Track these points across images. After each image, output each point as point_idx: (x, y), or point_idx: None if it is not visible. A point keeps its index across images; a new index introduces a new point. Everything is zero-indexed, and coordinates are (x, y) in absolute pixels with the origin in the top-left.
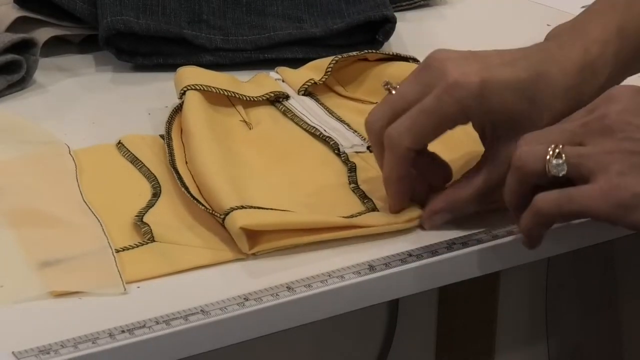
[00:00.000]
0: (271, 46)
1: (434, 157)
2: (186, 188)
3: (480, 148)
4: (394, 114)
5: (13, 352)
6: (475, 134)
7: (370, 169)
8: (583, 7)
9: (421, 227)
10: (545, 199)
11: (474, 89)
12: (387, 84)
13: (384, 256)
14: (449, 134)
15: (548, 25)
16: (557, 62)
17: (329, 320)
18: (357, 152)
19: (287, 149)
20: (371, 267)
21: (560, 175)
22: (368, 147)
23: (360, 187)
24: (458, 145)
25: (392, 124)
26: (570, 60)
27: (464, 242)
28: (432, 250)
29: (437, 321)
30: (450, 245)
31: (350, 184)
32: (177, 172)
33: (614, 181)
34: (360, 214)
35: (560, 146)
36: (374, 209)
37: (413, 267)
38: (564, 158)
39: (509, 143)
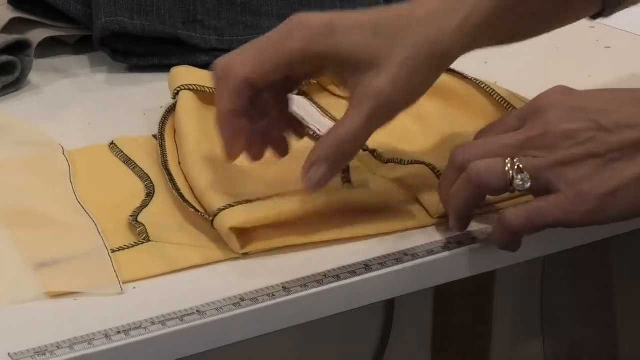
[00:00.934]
0: None
1: (284, 107)
2: (177, 190)
3: (457, 129)
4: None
5: (9, 354)
6: (450, 114)
7: (364, 169)
8: None
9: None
10: (515, 216)
11: (320, 26)
12: None
13: (379, 255)
14: (422, 114)
15: None
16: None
17: (325, 320)
18: None
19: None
20: (367, 267)
21: (525, 189)
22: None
23: (354, 185)
24: (433, 126)
25: (233, 54)
26: (438, 27)
27: (459, 242)
28: (427, 249)
29: (433, 320)
30: (446, 244)
31: (344, 183)
32: (169, 174)
33: (578, 188)
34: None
35: (516, 160)
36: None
37: (409, 266)
38: (525, 172)
39: (369, 79)
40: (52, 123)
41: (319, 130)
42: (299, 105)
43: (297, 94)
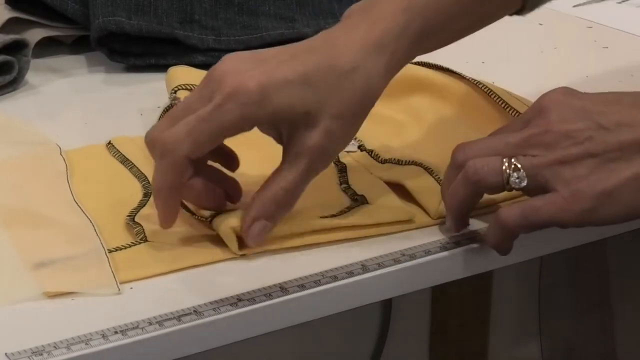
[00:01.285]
0: (263, 46)
1: (216, 172)
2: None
3: (455, 129)
4: (174, 124)
5: (6, 354)
6: (448, 114)
7: (361, 170)
8: (575, 5)
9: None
10: (510, 214)
11: (253, 95)
12: (174, 99)
13: (377, 256)
14: (420, 114)
15: (540, 24)
16: (340, 46)
17: (322, 320)
18: (347, 152)
19: (278, 149)
20: (364, 267)
21: (521, 187)
22: (359, 147)
23: (352, 187)
24: (430, 126)
25: (167, 131)
26: (352, 41)
27: (457, 242)
28: (425, 249)
29: (431, 321)
30: (443, 244)
31: (341, 184)
32: None
33: (574, 187)
34: (349, 208)
35: (513, 159)
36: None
37: (406, 266)
38: (522, 170)
39: (304, 135)
40: (49, 123)
41: None
42: None
43: None
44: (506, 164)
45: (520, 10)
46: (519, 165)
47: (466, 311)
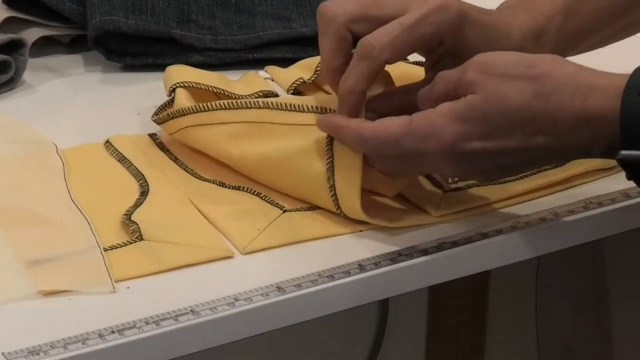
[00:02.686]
0: (260, 46)
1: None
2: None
3: None
4: (367, 16)
5: (2, 353)
6: None
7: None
8: None
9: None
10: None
11: (453, 17)
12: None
13: (373, 255)
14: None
15: None
16: (511, 24)
17: (319, 320)
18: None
19: (290, 141)
20: (361, 267)
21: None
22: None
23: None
24: None
25: (371, 34)
26: (521, 26)
27: (454, 242)
28: (422, 249)
29: (428, 320)
30: (440, 244)
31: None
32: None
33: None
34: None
35: None
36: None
37: (403, 266)
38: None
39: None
40: (46, 122)
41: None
42: None
43: (293, 94)
44: None
45: None
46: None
47: (463, 311)
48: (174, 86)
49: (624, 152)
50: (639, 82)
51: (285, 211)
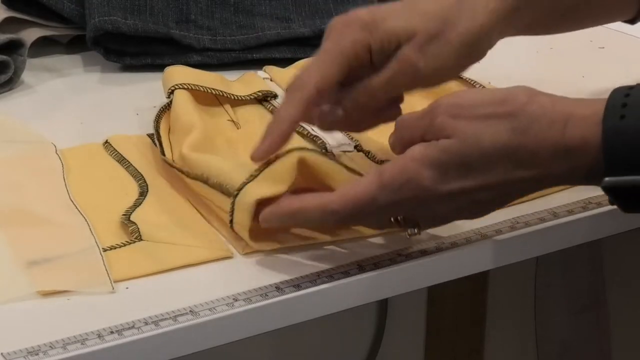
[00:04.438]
0: (259, 46)
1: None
2: (185, 173)
3: None
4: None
5: (2, 353)
6: None
7: (357, 169)
8: None
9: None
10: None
11: (365, 19)
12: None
13: (372, 256)
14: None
15: None
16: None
17: (318, 320)
18: (344, 152)
19: None
20: (360, 267)
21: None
22: (355, 147)
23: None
24: None
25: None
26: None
27: (453, 242)
28: (421, 249)
29: (427, 320)
30: (439, 245)
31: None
32: (170, 162)
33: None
34: None
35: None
36: None
37: (402, 267)
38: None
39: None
40: (45, 122)
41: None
42: None
43: None
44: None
45: (633, 20)
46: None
47: (462, 311)
48: (173, 88)
49: (608, 179)
50: (616, 105)
51: None
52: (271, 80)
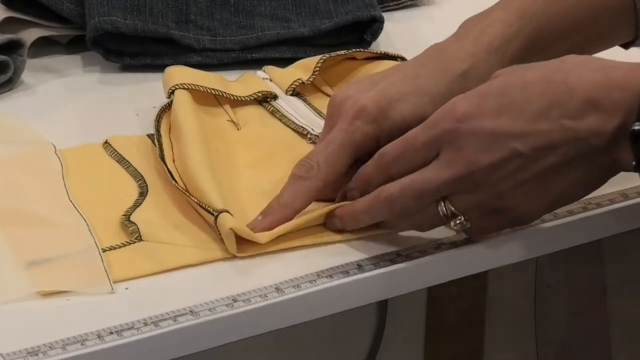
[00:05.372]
0: (259, 46)
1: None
2: (178, 183)
3: None
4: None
5: (1, 354)
6: None
7: None
8: None
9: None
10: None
11: (372, 111)
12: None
13: (372, 256)
14: None
15: None
16: (450, 54)
17: (317, 321)
18: None
19: (275, 149)
20: (360, 267)
21: (466, 228)
22: None
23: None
24: None
25: (307, 156)
26: (463, 49)
27: (452, 242)
28: (420, 250)
29: (426, 321)
30: (438, 245)
31: None
32: (167, 168)
33: (517, 213)
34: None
35: (449, 204)
36: None
37: (402, 267)
38: (460, 216)
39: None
40: (44, 123)
41: (316, 133)
42: (293, 105)
43: (292, 95)
44: (443, 211)
45: (631, 43)
46: (456, 210)
47: (462, 311)
48: (174, 87)
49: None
50: None
51: None
52: (271, 80)
